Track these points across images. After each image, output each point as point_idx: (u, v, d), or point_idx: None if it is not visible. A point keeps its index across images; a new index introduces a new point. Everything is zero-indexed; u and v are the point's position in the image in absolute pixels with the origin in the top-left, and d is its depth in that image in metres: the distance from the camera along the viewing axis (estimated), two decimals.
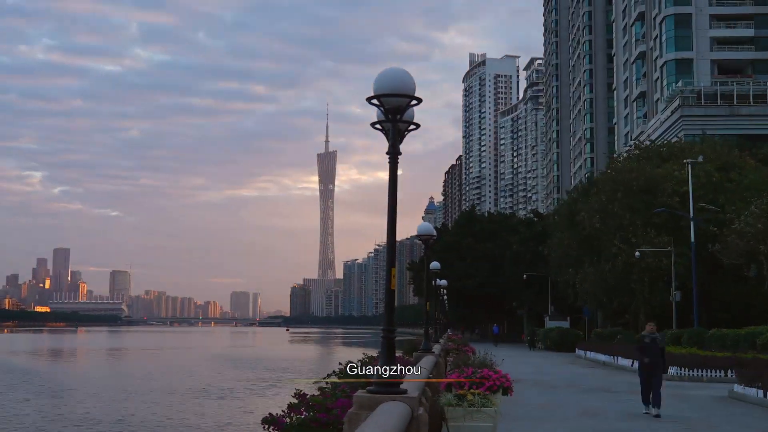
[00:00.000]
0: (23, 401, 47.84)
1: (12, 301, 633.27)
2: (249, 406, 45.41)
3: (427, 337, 25.88)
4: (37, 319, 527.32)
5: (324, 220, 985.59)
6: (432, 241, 24.32)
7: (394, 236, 10.14)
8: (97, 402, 48.10)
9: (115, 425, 38.04)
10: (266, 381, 64.59)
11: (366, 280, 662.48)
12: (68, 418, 40.41)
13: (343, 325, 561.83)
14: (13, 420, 38.98)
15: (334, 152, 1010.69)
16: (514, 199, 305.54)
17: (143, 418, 40.39)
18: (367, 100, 9.82)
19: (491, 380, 16.45)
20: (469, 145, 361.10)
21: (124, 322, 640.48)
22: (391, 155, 10.03)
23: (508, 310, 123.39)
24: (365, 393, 9.66)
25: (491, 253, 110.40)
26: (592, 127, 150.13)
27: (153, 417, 40.68)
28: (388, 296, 10.15)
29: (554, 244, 78.74)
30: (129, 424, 38.20)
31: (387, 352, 9.89)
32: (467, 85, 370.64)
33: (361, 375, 14.42)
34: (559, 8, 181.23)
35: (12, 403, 46.84)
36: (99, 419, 39.84)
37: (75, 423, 38.63)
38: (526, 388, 28.96)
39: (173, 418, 40.32)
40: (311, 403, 11.54)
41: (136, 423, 38.64)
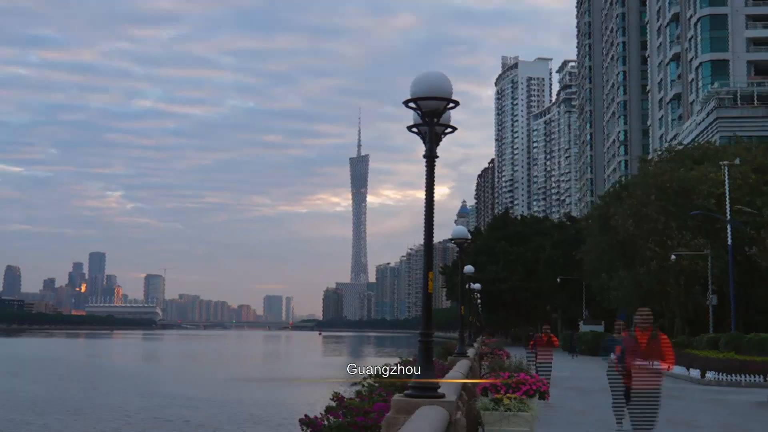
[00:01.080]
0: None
1: (48, 305, 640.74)
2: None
3: (461, 341, 25.80)
4: (73, 322, 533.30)
5: (357, 224, 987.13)
6: (466, 244, 24.28)
7: (431, 240, 10.13)
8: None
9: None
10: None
11: (399, 284, 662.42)
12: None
13: (376, 328, 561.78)
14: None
15: (366, 156, 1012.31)
16: (547, 203, 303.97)
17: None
18: (405, 104, 9.83)
19: (527, 384, 16.37)
20: (501, 148, 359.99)
21: (158, 325, 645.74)
22: (428, 158, 10.04)
23: (541, 314, 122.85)
24: (403, 397, 9.65)
25: (524, 257, 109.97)
26: (626, 130, 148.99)
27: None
28: (425, 300, 10.14)
29: (588, 248, 78.23)
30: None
31: (425, 355, 9.86)
32: (499, 88, 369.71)
33: (397, 378, 14.43)
34: (592, 10, 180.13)
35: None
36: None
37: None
38: (561, 392, 28.77)
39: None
40: (349, 406, 11.54)
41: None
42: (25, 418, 41.91)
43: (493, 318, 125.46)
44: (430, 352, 9.97)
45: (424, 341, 9.96)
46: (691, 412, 25.27)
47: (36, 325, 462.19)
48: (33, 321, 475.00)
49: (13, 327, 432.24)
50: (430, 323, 10.13)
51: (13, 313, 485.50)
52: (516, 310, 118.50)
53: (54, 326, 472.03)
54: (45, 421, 41.28)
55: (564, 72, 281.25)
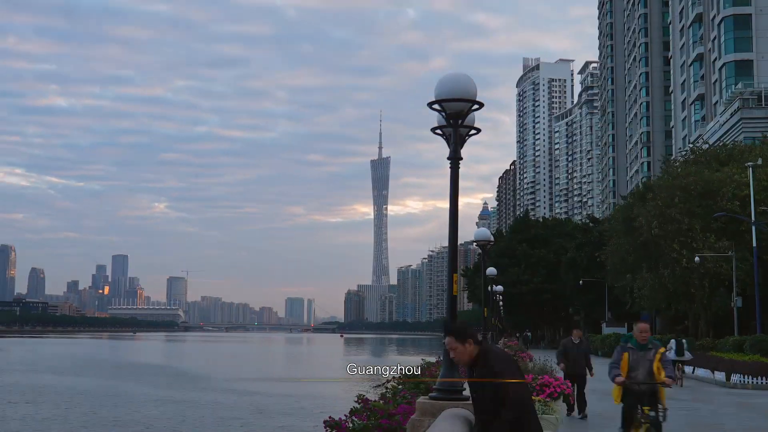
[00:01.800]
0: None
1: (72, 307, 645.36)
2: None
3: None
4: (96, 324, 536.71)
5: (378, 226, 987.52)
6: (489, 246, 24.25)
7: (456, 242, 10.12)
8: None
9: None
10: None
11: (420, 286, 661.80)
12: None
13: (397, 331, 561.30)
14: None
15: (387, 158, 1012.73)
16: (569, 204, 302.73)
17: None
18: (429, 105, 9.83)
19: (552, 387, 16.31)
20: (523, 150, 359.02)
21: (181, 327, 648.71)
22: (452, 160, 10.04)
23: (563, 317, 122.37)
24: (428, 399, 9.64)
25: (546, 259, 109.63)
26: (649, 131, 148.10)
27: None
28: (450, 302, 10.12)
29: (611, 250, 77.81)
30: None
31: (449, 358, 9.83)
32: (521, 89, 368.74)
33: (421, 380, 14.43)
34: (614, 11, 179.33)
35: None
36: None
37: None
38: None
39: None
40: (373, 408, 11.53)
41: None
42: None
43: (515, 320, 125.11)
44: None
45: None
46: (717, 416, 25.08)
47: (60, 327, 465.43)
48: (57, 323, 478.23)
49: (37, 329, 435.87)
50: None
51: (38, 315, 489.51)
52: (538, 312, 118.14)
53: (77, 328, 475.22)
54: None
55: (586, 73, 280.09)
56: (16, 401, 51.04)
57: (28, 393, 56.79)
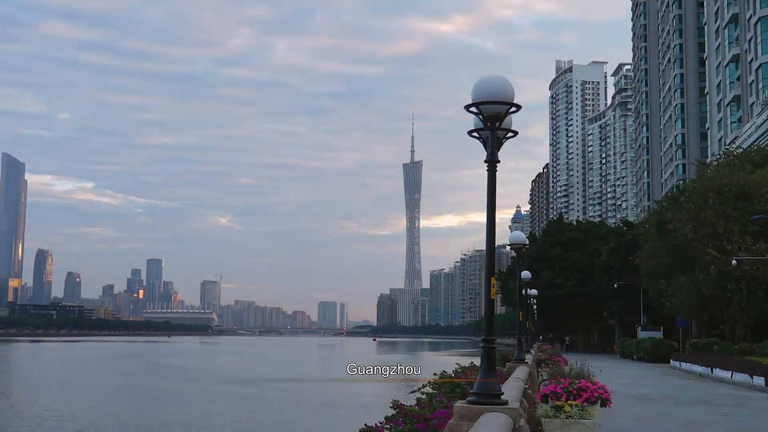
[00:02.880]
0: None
1: (107, 311, 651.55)
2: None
3: (520, 347, 25.61)
4: (131, 328, 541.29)
5: (410, 230, 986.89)
6: (524, 249, 24.12)
7: (494, 245, 10.05)
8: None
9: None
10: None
11: (452, 290, 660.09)
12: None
13: (430, 334, 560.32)
14: None
15: (419, 162, 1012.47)
16: (603, 208, 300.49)
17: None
18: (466, 108, 9.76)
19: (589, 391, 16.15)
20: (556, 153, 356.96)
21: (214, 331, 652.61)
22: (490, 163, 9.97)
23: (597, 320, 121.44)
24: (465, 404, 9.55)
25: (580, 262, 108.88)
26: (684, 133, 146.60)
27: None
28: (487, 305, 10.04)
29: (645, 253, 77.15)
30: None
31: (487, 362, 9.77)
32: (554, 92, 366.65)
33: (457, 385, 14.36)
34: (648, 12, 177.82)
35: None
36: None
37: None
38: (621, 399, 28.35)
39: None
40: (409, 413, 11.47)
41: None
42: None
43: (548, 324, 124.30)
44: (492, 358, 9.87)
45: (486, 347, 9.87)
46: (757, 421, 24.74)
47: (95, 330, 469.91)
48: (93, 327, 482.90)
49: (73, 332, 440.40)
50: (493, 329, 10.04)
51: (74, 319, 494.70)
52: (572, 316, 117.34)
53: (113, 332, 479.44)
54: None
55: (619, 75, 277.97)
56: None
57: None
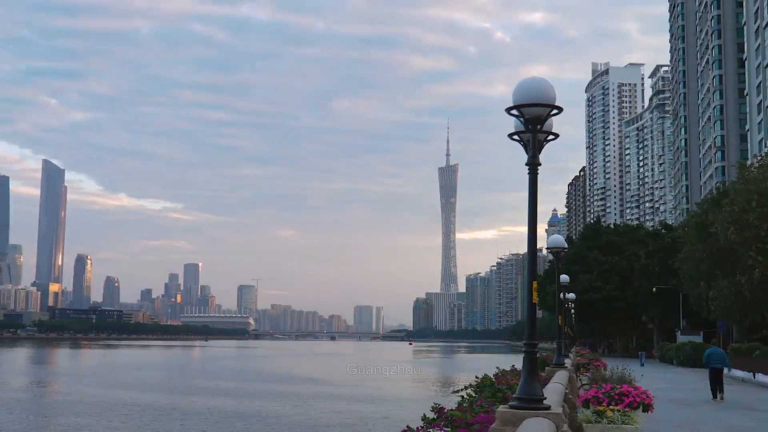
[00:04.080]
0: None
1: (146, 315, 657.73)
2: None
3: (559, 351, 25.43)
4: (169, 332, 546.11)
5: (446, 234, 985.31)
6: (563, 253, 23.97)
7: (535, 249, 10.01)
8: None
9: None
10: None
11: (489, 294, 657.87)
12: None
13: (467, 338, 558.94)
14: None
15: (455, 166, 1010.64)
16: (641, 211, 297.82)
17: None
18: (507, 111, 9.72)
19: (631, 396, 16.00)
20: (592, 155, 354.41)
21: (251, 335, 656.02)
22: (531, 166, 9.92)
23: (636, 325, 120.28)
24: (508, 408, 9.48)
25: (618, 266, 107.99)
26: (723, 135, 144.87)
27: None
28: (530, 309, 9.98)
29: (685, 257, 76.31)
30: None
31: (529, 366, 9.70)
32: (590, 95, 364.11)
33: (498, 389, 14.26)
34: (686, 13, 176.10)
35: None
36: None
37: None
38: (662, 404, 28.04)
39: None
40: (450, 417, 11.40)
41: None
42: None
43: (586, 328, 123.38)
44: (534, 362, 9.80)
45: (528, 351, 9.81)
46: None
47: (134, 334, 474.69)
48: (131, 331, 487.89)
49: (112, 336, 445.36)
50: (535, 333, 9.97)
51: (113, 323, 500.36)
52: (610, 320, 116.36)
53: (151, 336, 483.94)
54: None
55: (657, 77, 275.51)
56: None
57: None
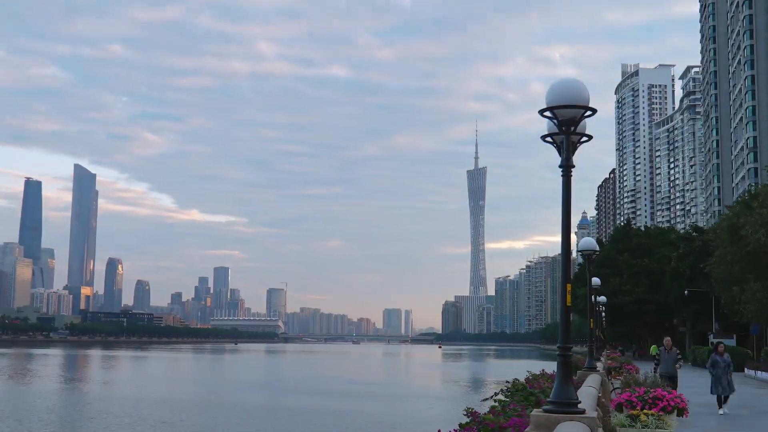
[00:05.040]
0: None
1: (176, 318, 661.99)
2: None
3: (591, 355, 25.25)
4: (199, 335, 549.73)
5: (475, 237, 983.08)
6: (594, 256, 23.81)
7: (569, 251, 9.92)
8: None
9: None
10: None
11: (518, 297, 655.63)
12: None
13: (496, 342, 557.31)
14: None
15: (483, 169, 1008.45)
16: (671, 213, 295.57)
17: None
18: (540, 113, 9.66)
19: (665, 400, 15.84)
20: (622, 157, 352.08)
21: (280, 339, 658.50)
22: (564, 168, 9.85)
23: (667, 328, 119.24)
24: (542, 412, 9.41)
25: (649, 269, 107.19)
26: (755, 136, 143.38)
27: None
28: (564, 312, 9.90)
29: (717, 260, 75.48)
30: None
31: (563, 370, 9.62)
32: (619, 96, 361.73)
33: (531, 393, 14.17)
34: (717, 13, 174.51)
35: None
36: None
37: None
38: (695, 409, 27.74)
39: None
40: (483, 421, 11.35)
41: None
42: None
43: (617, 331, 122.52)
44: (569, 366, 9.72)
45: (562, 355, 9.72)
46: None
47: (164, 337, 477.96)
48: (162, 334, 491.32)
49: (143, 339, 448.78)
50: (569, 336, 9.89)
51: (144, 326, 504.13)
52: (640, 323, 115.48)
53: (181, 339, 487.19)
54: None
55: (687, 78, 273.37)
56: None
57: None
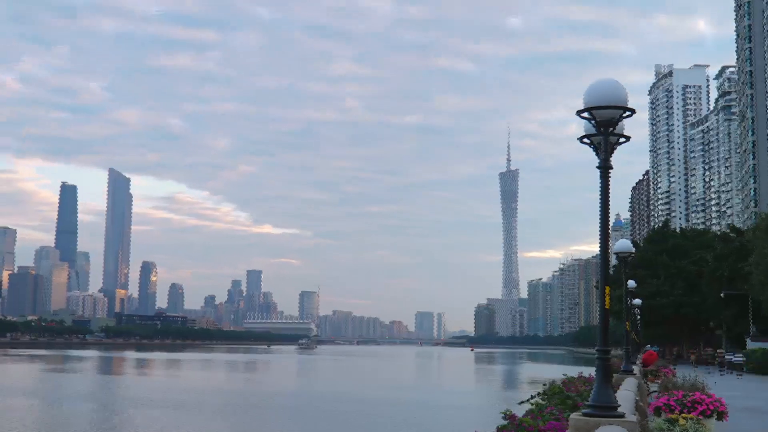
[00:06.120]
0: None
1: (209, 321, 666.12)
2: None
3: (627, 358, 25.02)
4: (232, 338, 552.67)
5: (507, 239, 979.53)
6: (630, 258, 23.61)
7: (608, 254, 9.85)
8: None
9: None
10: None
11: (551, 300, 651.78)
12: None
13: (529, 345, 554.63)
14: None
15: (516, 171, 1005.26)
16: (707, 214, 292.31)
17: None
18: (578, 114, 9.61)
19: (704, 404, 15.66)
20: (656, 159, 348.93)
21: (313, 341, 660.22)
22: (602, 169, 9.79)
23: (704, 330, 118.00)
24: (581, 416, 9.33)
25: (686, 271, 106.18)
26: None
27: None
28: (603, 315, 9.83)
29: (755, 261, 74.63)
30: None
31: (603, 373, 9.54)
32: (653, 97, 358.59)
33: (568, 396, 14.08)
34: (753, 13, 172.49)
35: None
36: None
37: None
38: (734, 413, 27.38)
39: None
40: (521, 424, 11.30)
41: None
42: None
43: (652, 334, 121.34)
44: (608, 369, 9.64)
45: (601, 358, 9.65)
46: None
47: (198, 340, 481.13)
48: (195, 336, 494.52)
49: (177, 342, 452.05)
50: (608, 339, 9.80)
51: (177, 329, 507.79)
52: (677, 326, 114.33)
53: (215, 341, 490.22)
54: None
55: (722, 78, 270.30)
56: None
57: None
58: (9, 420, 51.30)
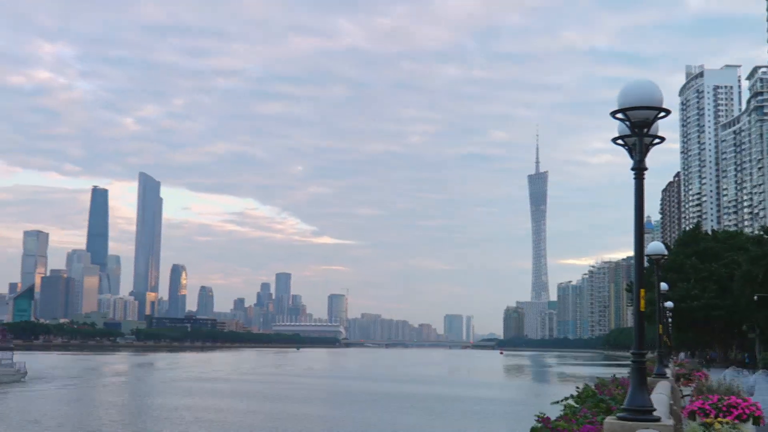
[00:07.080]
0: None
1: (239, 324, 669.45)
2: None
3: (660, 361, 24.83)
4: (262, 341, 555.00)
5: (536, 242, 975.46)
6: (663, 260, 23.43)
7: (642, 256, 9.77)
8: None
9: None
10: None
11: (581, 302, 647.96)
12: None
13: (558, 348, 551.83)
14: None
15: (544, 173, 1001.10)
16: (739, 216, 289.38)
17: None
18: (612, 115, 9.55)
19: (740, 408, 15.47)
20: (687, 161, 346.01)
21: (341, 344, 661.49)
22: (637, 171, 9.73)
23: (736, 334, 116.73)
24: (616, 419, 9.27)
25: (717, 273, 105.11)
26: None
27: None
28: (638, 318, 9.75)
29: None
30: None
31: (638, 376, 9.46)
32: (684, 98, 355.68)
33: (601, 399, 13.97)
34: None
35: None
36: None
37: None
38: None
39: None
40: (555, 428, 11.23)
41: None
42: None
43: (684, 338, 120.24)
44: (643, 372, 9.56)
45: (637, 361, 9.57)
46: None
47: (227, 342, 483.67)
48: (225, 339, 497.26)
49: (206, 344, 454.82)
50: (643, 342, 9.72)
51: (207, 332, 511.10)
52: (709, 329, 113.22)
53: (244, 344, 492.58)
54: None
55: (755, 78, 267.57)
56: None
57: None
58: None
